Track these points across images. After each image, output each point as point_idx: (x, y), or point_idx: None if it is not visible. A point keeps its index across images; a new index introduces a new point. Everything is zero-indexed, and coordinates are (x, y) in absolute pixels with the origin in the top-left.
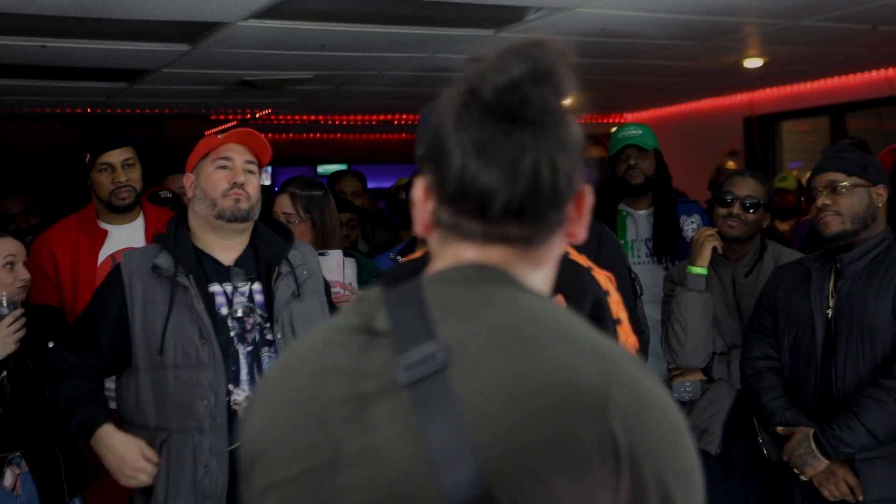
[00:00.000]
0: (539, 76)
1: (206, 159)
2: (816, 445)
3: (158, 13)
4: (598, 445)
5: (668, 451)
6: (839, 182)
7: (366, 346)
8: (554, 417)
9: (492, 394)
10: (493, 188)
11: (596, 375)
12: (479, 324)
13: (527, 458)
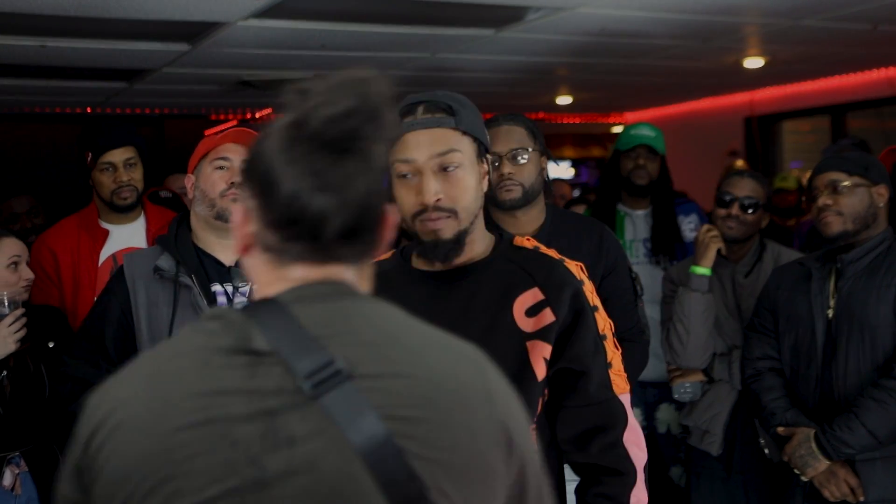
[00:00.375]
0: (366, 110)
1: (205, 160)
2: (817, 446)
3: (158, 13)
4: (494, 434)
5: (523, 424)
6: (840, 182)
7: (253, 366)
8: (455, 416)
9: (401, 401)
10: (326, 214)
11: (475, 375)
12: (362, 337)
13: (442, 458)
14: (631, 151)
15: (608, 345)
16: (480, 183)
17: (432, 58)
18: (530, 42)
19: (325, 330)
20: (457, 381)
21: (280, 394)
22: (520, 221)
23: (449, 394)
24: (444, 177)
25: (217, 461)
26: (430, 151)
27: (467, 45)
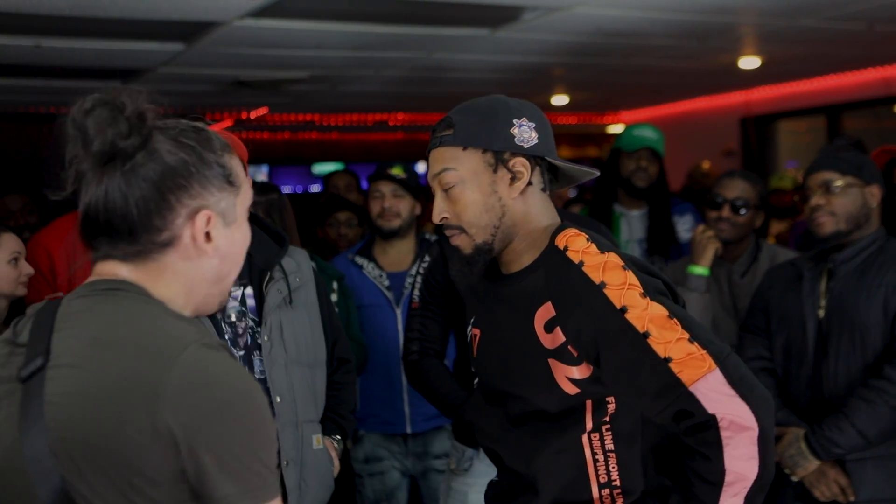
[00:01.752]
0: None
1: None
2: (807, 446)
3: (154, 12)
4: (153, 436)
5: (214, 421)
6: (833, 182)
7: (9, 355)
8: (113, 414)
9: (70, 395)
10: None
11: (152, 371)
12: (72, 332)
13: (81, 446)
14: (634, 153)
15: (654, 342)
16: (497, 193)
17: (428, 57)
18: (526, 42)
19: (63, 324)
20: (120, 377)
21: (9, 381)
22: None
23: (108, 390)
24: (447, 195)
25: None
26: (431, 172)
27: (463, 45)
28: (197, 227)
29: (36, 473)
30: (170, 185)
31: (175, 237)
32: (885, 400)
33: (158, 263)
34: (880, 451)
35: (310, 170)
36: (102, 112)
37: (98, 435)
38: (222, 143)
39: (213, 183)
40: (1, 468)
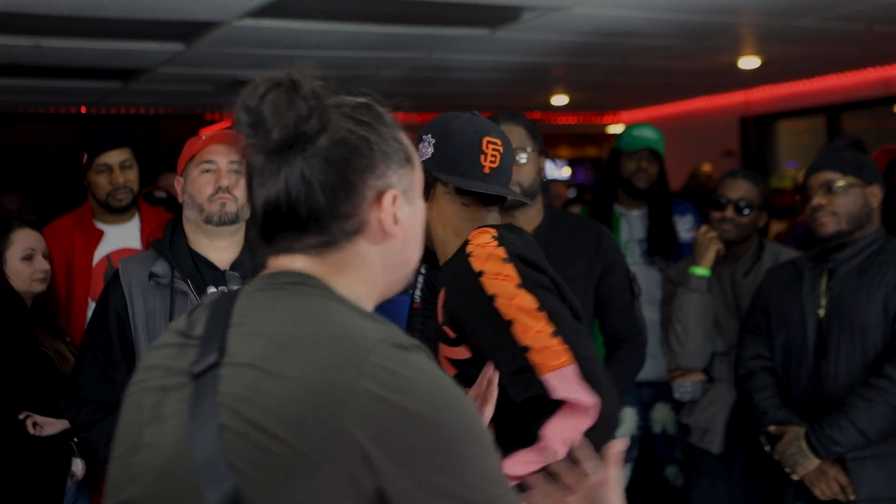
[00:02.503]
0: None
1: (192, 162)
2: (807, 445)
3: (153, 12)
4: (338, 436)
5: (415, 432)
6: (834, 182)
7: (182, 346)
8: (294, 423)
9: (245, 398)
10: (254, 211)
11: (338, 376)
12: (251, 329)
13: (262, 453)
14: (634, 154)
15: (516, 330)
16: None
17: (428, 57)
18: (526, 42)
19: (241, 319)
20: (303, 382)
21: (179, 374)
22: (518, 221)
23: (288, 393)
24: None
25: (130, 424)
26: None
27: (463, 45)
28: (384, 208)
29: (207, 477)
30: (355, 166)
31: (363, 223)
32: (885, 398)
33: (344, 253)
34: (880, 450)
35: None
36: (278, 95)
37: (276, 444)
38: (392, 119)
39: (394, 160)
40: (166, 467)
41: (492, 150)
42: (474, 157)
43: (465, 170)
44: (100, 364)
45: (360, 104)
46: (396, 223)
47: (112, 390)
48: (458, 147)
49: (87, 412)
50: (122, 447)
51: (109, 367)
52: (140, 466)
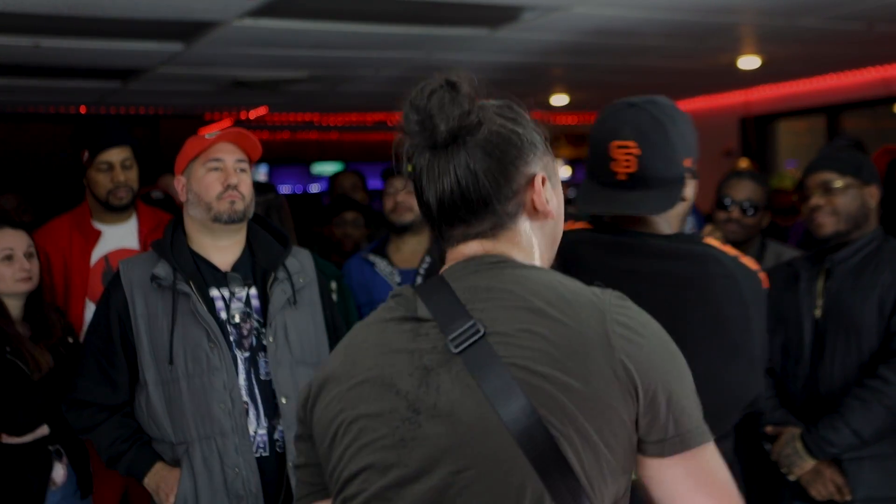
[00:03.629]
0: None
1: (197, 161)
2: (803, 445)
3: (153, 12)
4: (613, 374)
5: (663, 360)
6: (833, 182)
7: (416, 330)
8: (573, 362)
9: (524, 352)
10: (431, 201)
11: (596, 324)
12: (494, 304)
13: (562, 398)
14: None
15: None
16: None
17: (427, 57)
18: (525, 42)
19: (473, 296)
20: (572, 331)
21: (433, 352)
22: None
23: (562, 343)
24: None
25: (384, 406)
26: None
27: (462, 45)
28: (537, 190)
29: (510, 418)
30: (510, 155)
31: (522, 203)
32: (880, 399)
33: (513, 233)
34: (876, 451)
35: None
36: (443, 94)
37: (572, 391)
38: (528, 115)
39: (538, 148)
40: (473, 433)
41: (623, 155)
42: (606, 164)
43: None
44: (101, 366)
45: (504, 104)
46: (548, 202)
47: (114, 392)
48: (592, 150)
49: (88, 415)
50: (386, 427)
51: (111, 370)
52: (434, 430)
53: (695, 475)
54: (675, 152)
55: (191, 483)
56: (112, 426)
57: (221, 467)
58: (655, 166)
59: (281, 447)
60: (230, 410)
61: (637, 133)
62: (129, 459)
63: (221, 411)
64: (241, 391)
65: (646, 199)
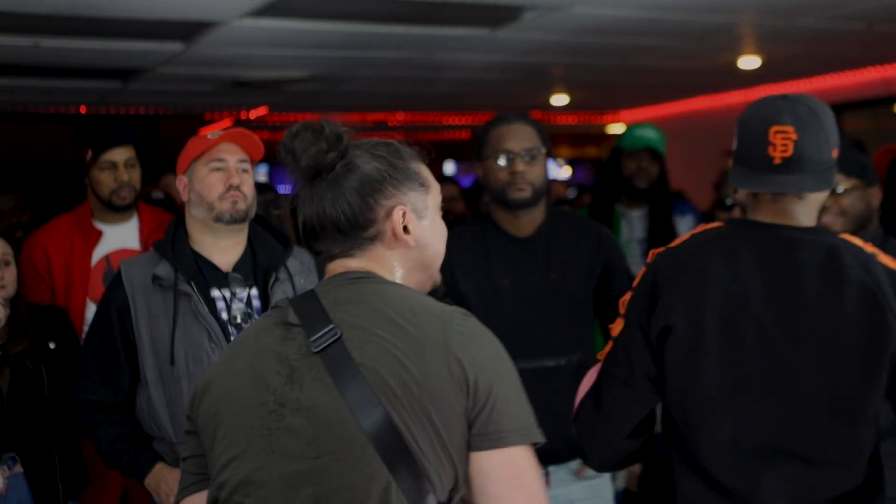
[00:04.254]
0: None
1: (199, 161)
2: None
3: (153, 12)
4: (448, 371)
5: (494, 364)
6: (839, 184)
7: (285, 334)
8: (414, 362)
9: (373, 353)
10: (306, 225)
11: (437, 331)
12: (352, 312)
13: (404, 392)
14: (635, 153)
15: None
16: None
17: (428, 57)
18: (526, 42)
19: (336, 306)
20: (418, 336)
21: (298, 353)
22: (521, 221)
23: (408, 347)
24: None
25: (255, 399)
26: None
27: (463, 45)
28: (395, 221)
29: (360, 411)
30: (367, 189)
31: (381, 231)
32: None
33: (374, 255)
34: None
35: None
36: (306, 135)
37: (411, 384)
38: (410, 153)
39: (405, 184)
40: (325, 420)
41: (781, 140)
42: (762, 149)
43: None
44: (101, 366)
45: (380, 142)
46: (407, 233)
47: (114, 392)
48: (747, 138)
49: (88, 414)
50: (253, 418)
51: (112, 369)
52: (297, 422)
53: (506, 470)
54: (828, 140)
55: None
56: (113, 426)
57: None
58: (811, 151)
59: None
60: None
61: (795, 119)
62: (129, 459)
63: None
64: None
65: (803, 181)
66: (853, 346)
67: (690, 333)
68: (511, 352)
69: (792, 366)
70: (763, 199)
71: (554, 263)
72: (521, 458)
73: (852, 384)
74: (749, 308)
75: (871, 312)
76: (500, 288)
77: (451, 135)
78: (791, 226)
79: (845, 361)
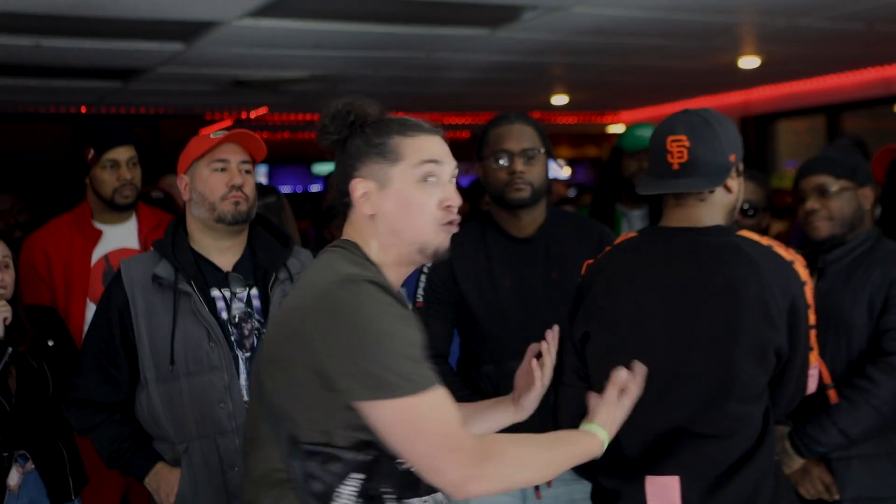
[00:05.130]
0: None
1: (201, 161)
2: (791, 444)
3: (153, 12)
4: (298, 345)
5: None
6: (828, 185)
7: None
8: (284, 332)
9: (272, 319)
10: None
11: (305, 299)
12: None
13: (270, 359)
14: (636, 153)
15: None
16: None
17: (428, 57)
18: (526, 42)
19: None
20: (293, 305)
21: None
22: (522, 221)
23: (286, 312)
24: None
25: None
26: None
27: (463, 45)
28: (352, 191)
29: (255, 371)
30: (345, 165)
31: (352, 204)
32: (867, 399)
33: (356, 226)
34: (865, 450)
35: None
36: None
37: (275, 345)
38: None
39: (370, 157)
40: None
41: (676, 147)
42: (663, 157)
43: (658, 169)
44: (101, 365)
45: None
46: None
47: (114, 392)
48: (652, 151)
49: (88, 414)
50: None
51: (111, 369)
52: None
53: (398, 422)
54: (723, 146)
55: (191, 482)
56: (113, 426)
57: (221, 467)
58: (704, 156)
59: None
60: (230, 410)
61: (688, 129)
62: (129, 459)
63: (222, 411)
64: (241, 391)
65: (697, 182)
66: (745, 332)
67: (604, 336)
68: (512, 351)
69: (693, 353)
70: (669, 204)
71: (555, 263)
72: (406, 408)
73: (745, 367)
74: (654, 306)
75: (761, 301)
76: (501, 288)
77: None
78: (695, 227)
79: (740, 347)
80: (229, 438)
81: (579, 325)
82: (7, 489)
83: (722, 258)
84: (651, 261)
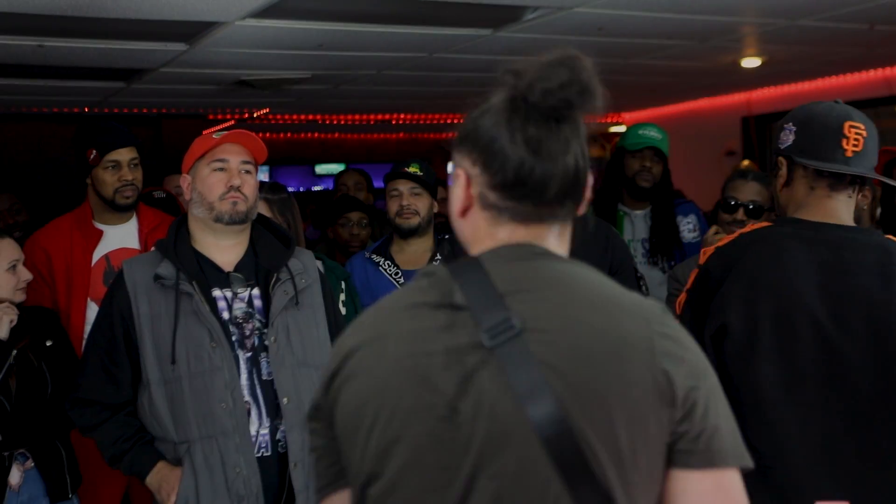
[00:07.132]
0: (578, 82)
1: (202, 161)
2: None
3: (156, 12)
4: (654, 381)
5: (704, 375)
6: None
7: (452, 319)
8: (613, 367)
9: (563, 353)
10: (548, 178)
11: (639, 330)
12: (542, 296)
13: (595, 404)
14: (638, 153)
15: None
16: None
17: (430, 57)
18: (528, 42)
19: (512, 287)
20: (617, 334)
21: (469, 346)
22: None
23: (605, 346)
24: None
25: (419, 401)
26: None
27: (464, 46)
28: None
29: (548, 439)
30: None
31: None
32: None
33: (566, 227)
34: None
35: (312, 170)
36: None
37: (608, 396)
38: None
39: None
40: (503, 434)
41: (854, 134)
42: (836, 141)
43: (825, 153)
44: (104, 365)
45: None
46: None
47: (116, 391)
48: (818, 132)
49: (91, 413)
50: (420, 423)
51: (114, 368)
52: (473, 432)
53: (719, 494)
54: (876, 146)
55: (192, 482)
56: (115, 425)
57: (222, 467)
58: (871, 150)
59: (283, 447)
60: (231, 410)
61: (863, 119)
62: (131, 458)
63: (223, 411)
64: (242, 391)
65: (870, 174)
66: None
67: (745, 332)
68: None
69: (848, 360)
70: (816, 196)
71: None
72: (732, 481)
73: None
74: (802, 306)
75: None
76: None
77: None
78: (838, 224)
79: None
80: (230, 438)
81: (714, 318)
82: (7, 487)
83: (878, 260)
84: (797, 255)
